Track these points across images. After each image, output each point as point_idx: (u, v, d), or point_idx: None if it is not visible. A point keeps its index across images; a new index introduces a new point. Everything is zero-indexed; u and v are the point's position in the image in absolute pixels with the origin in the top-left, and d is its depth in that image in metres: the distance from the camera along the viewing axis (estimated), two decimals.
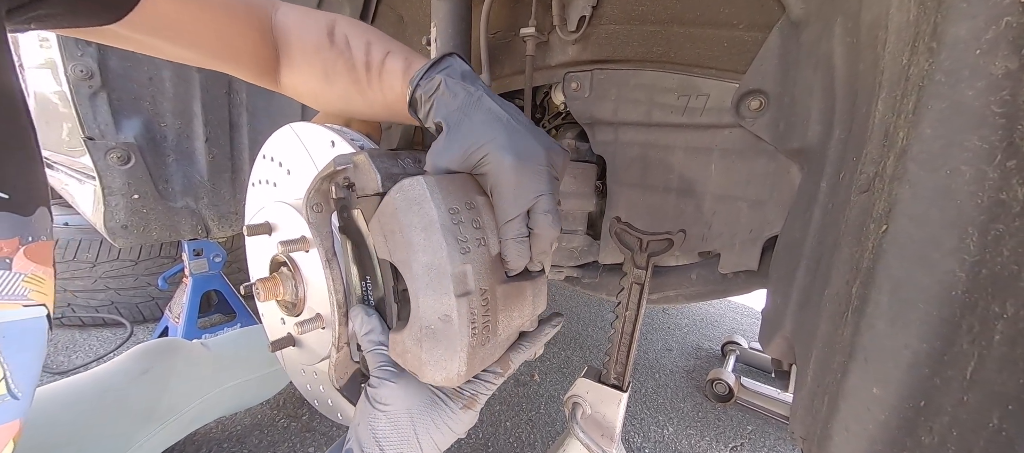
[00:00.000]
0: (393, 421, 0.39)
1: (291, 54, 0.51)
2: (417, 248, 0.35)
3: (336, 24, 0.51)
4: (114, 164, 0.85)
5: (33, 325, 0.37)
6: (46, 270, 0.38)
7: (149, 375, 0.86)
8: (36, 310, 0.37)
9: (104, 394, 0.80)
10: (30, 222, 0.35)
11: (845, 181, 0.38)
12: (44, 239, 0.37)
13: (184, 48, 0.47)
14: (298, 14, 0.52)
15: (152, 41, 0.44)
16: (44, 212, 0.37)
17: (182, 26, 0.44)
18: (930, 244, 0.24)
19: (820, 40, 0.47)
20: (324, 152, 0.49)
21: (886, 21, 0.32)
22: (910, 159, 0.24)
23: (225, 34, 0.47)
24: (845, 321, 0.30)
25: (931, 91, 0.23)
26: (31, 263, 0.36)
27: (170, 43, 0.45)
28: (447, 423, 0.40)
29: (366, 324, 0.42)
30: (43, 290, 0.37)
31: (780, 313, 0.51)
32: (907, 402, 0.25)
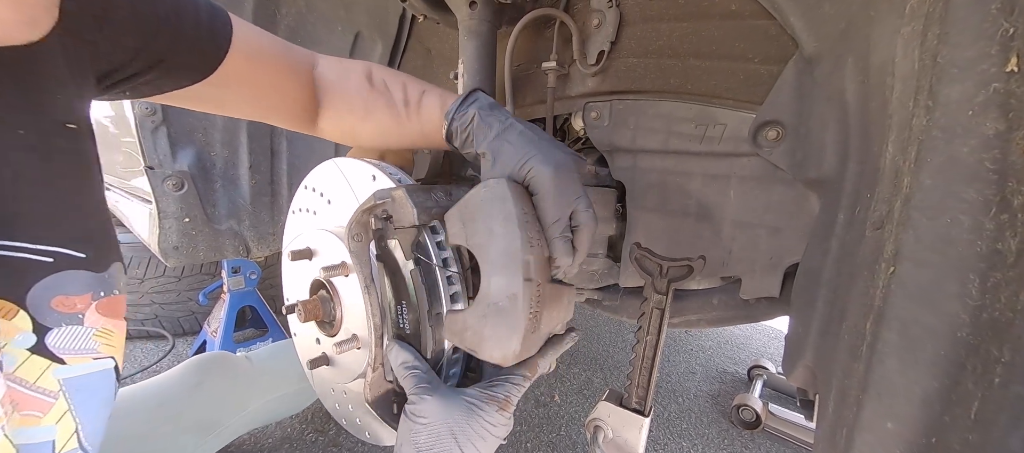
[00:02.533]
0: (434, 433, 0.41)
1: (333, 100, 0.58)
2: (497, 236, 0.40)
3: (372, 70, 0.59)
4: (170, 191, 0.93)
5: (102, 378, 0.38)
6: (116, 323, 0.39)
7: (202, 388, 0.92)
8: (105, 363, 0.38)
9: (160, 406, 0.85)
10: (103, 278, 0.37)
11: (860, 216, 0.39)
12: (116, 294, 0.38)
13: (247, 103, 0.53)
14: (339, 66, 0.59)
15: (223, 96, 0.50)
16: (118, 268, 0.39)
17: (250, 81, 0.50)
18: (934, 288, 0.25)
19: (833, 76, 0.49)
20: (365, 185, 0.54)
21: (892, 67, 0.34)
22: (913, 207, 0.26)
23: (281, 88, 0.53)
24: (860, 356, 0.31)
25: (929, 145, 0.25)
26: (102, 317, 0.37)
27: (238, 98, 0.51)
28: (486, 428, 0.41)
29: (400, 355, 0.46)
30: (112, 343, 0.39)
31: (802, 342, 0.52)
32: (921, 438, 0.25)
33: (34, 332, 0.33)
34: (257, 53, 0.49)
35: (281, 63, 0.52)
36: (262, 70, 0.50)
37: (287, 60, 0.53)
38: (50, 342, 0.34)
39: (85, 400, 0.36)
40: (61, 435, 0.35)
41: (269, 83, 0.52)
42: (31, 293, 0.32)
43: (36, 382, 0.33)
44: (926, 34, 0.26)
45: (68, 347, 0.35)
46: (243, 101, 0.52)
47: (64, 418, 0.35)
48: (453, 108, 0.51)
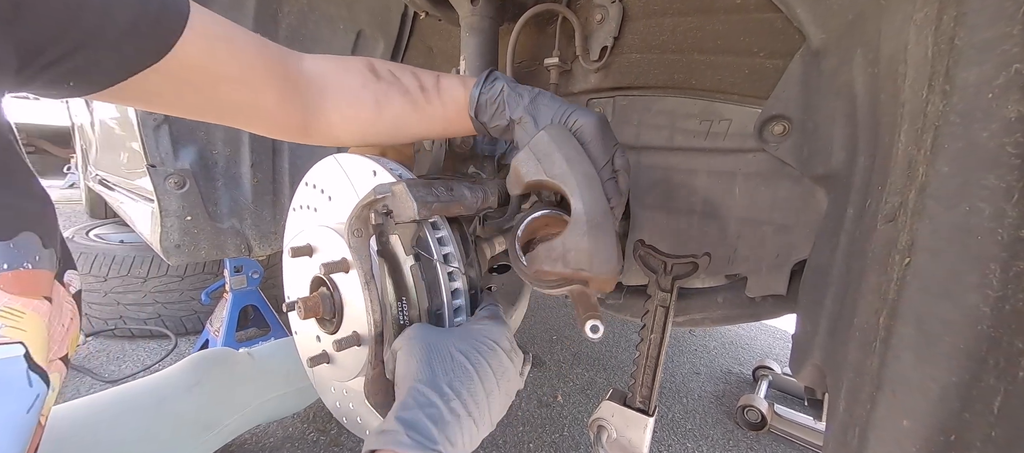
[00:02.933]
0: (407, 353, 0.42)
1: (332, 99, 0.52)
2: (576, 162, 0.44)
3: (373, 63, 0.55)
4: (172, 189, 0.92)
5: (7, 367, 0.32)
6: (30, 302, 0.33)
7: (202, 387, 0.91)
8: (11, 349, 0.32)
9: (161, 403, 0.84)
10: (8, 247, 0.32)
11: (871, 209, 0.38)
12: (27, 267, 0.33)
13: (209, 101, 0.45)
14: (332, 62, 0.54)
15: (179, 91, 0.43)
16: (30, 238, 0.33)
17: (211, 74, 0.43)
18: (952, 279, 0.24)
19: (841, 69, 0.48)
20: (366, 181, 0.53)
21: (904, 55, 0.33)
22: (929, 195, 0.25)
23: (251, 84, 0.46)
24: (873, 351, 0.30)
25: (947, 131, 0.24)
26: (6, 295, 0.32)
27: (197, 95, 0.44)
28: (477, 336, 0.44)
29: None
30: (21, 325, 0.33)
31: (810, 340, 0.51)
32: (938, 435, 0.25)
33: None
34: (220, 41, 0.42)
35: (251, 56, 0.45)
36: (226, 62, 0.43)
37: (260, 54, 0.46)
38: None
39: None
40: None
41: (235, 78, 0.44)
42: None
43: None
44: (941, 17, 0.25)
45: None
46: (204, 98, 0.45)
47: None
48: (480, 82, 0.53)
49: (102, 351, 1.60)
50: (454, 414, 0.38)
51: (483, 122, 0.53)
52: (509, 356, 0.45)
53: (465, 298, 0.52)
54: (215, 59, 0.42)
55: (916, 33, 0.30)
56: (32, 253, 0.33)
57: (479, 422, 0.40)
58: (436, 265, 0.49)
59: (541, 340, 1.93)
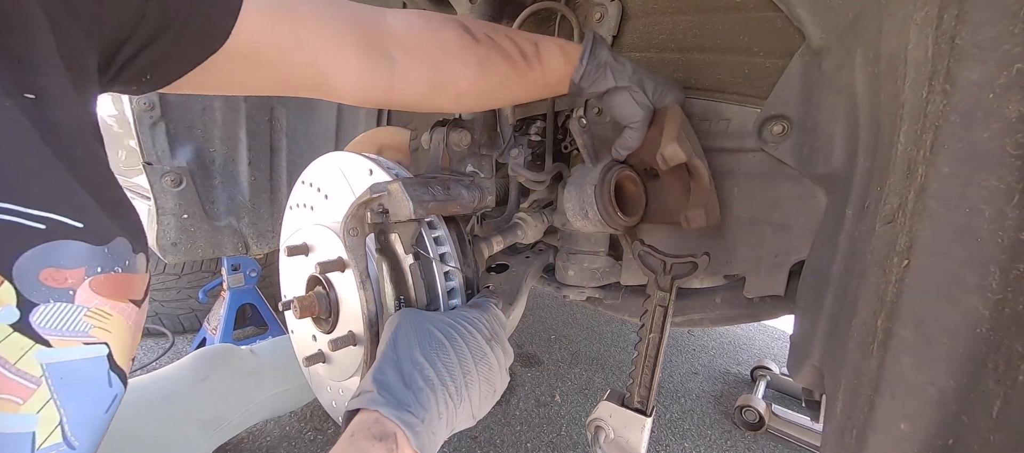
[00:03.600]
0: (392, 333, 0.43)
1: (423, 53, 0.50)
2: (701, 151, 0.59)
3: (466, 22, 0.54)
4: (168, 187, 0.92)
5: (92, 366, 0.34)
6: (116, 305, 0.34)
7: (208, 383, 0.91)
8: (97, 349, 0.34)
9: (170, 398, 0.84)
10: (103, 252, 0.33)
11: (870, 210, 0.38)
12: (117, 272, 0.34)
13: (281, 72, 0.44)
14: (421, 18, 0.51)
15: (249, 69, 0.42)
16: (123, 244, 0.34)
17: (278, 47, 0.41)
18: (952, 281, 0.24)
19: (841, 68, 0.47)
20: (362, 179, 0.53)
21: (905, 55, 0.33)
22: (929, 196, 0.24)
23: (322, 49, 0.43)
24: (871, 353, 0.30)
25: (947, 131, 0.24)
26: (97, 296, 0.33)
27: (268, 68, 0.42)
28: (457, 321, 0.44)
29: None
30: (107, 326, 0.34)
31: (808, 341, 0.50)
32: (936, 439, 0.24)
33: (18, 307, 0.29)
34: (282, 12, 0.41)
35: (321, 23, 0.43)
36: (293, 33, 0.41)
37: (332, 18, 0.44)
38: (35, 320, 0.30)
39: (72, 389, 0.33)
40: (42, 427, 0.31)
41: (307, 49, 0.42)
42: (19, 262, 0.28)
43: (16, 363, 0.30)
44: (942, 16, 0.25)
45: (55, 327, 0.31)
46: (278, 75, 0.43)
47: (46, 407, 0.32)
48: (586, 51, 0.57)
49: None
50: (428, 381, 0.39)
51: (582, 87, 0.58)
52: (489, 343, 0.44)
53: (461, 297, 0.52)
54: (280, 32, 0.41)
55: (917, 32, 0.30)
56: (123, 258, 0.35)
57: (455, 398, 0.40)
58: (433, 264, 0.49)
59: (540, 339, 1.93)
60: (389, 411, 0.35)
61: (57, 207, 0.30)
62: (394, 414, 0.35)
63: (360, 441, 0.34)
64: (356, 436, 0.34)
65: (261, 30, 0.40)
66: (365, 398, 0.36)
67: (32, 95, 0.29)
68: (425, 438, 0.36)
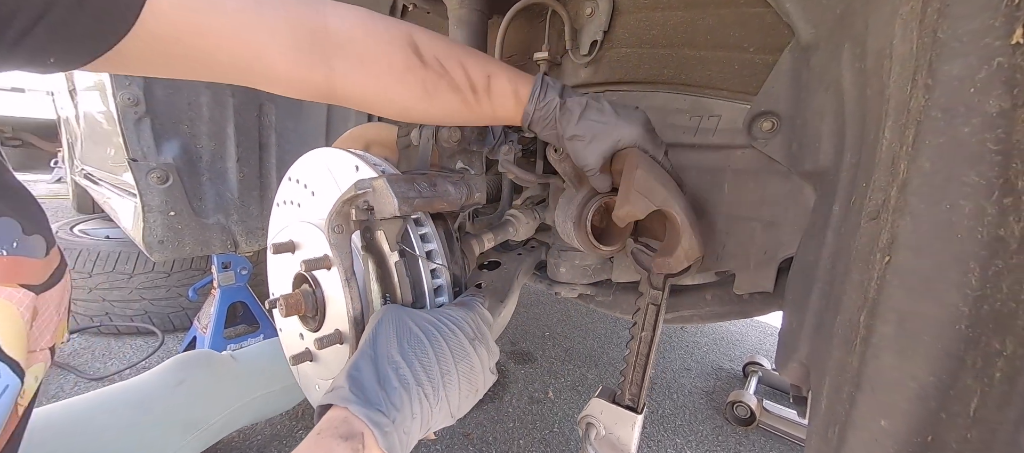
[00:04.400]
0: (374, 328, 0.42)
1: (365, 66, 0.47)
2: (671, 189, 0.54)
3: (416, 39, 0.49)
4: (154, 184, 0.91)
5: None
6: (3, 290, 0.32)
7: (184, 386, 0.90)
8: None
9: (142, 403, 0.84)
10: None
11: (855, 206, 0.38)
12: (2, 254, 0.32)
13: (205, 65, 0.41)
14: (367, 21, 0.47)
15: (161, 60, 0.39)
16: (8, 223, 0.32)
17: (196, 39, 0.38)
18: (932, 277, 0.24)
19: (829, 64, 0.47)
20: (348, 176, 0.52)
21: (890, 50, 0.32)
22: (911, 192, 0.24)
23: (249, 46, 0.40)
24: (854, 350, 0.30)
25: (929, 126, 0.23)
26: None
27: (184, 59, 0.39)
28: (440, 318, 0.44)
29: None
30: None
31: (795, 337, 0.50)
32: (915, 436, 0.24)
33: None
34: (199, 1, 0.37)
35: (245, 13, 0.39)
36: (213, 21, 0.38)
37: (257, 10, 0.40)
38: None
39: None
40: None
41: (229, 37, 0.39)
42: None
43: None
44: (925, 10, 0.25)
45: None
46: (198, 62, 0.40)
47: None
48: (533, 96, 0.55)
49: (87, 348, 1.57)
50: (402, 381, 0.38)
51: (534, 132, 0.58)
52: (472, 343, 0.44)
53: (448, 294, 0.52)
54: (196, 17, 0.37)
55: (902, 27, 0.30)
56: (9, 239, 0.32)
57: (431, 398, 0.39)
58: (419, 261, 0.48)
59: (533, 336, 1.93)
60: (359, 409, 0.34)
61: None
62: (363, 413, 0.34)
63: (326, 439, 0.33)
64: (322, 434, 0.34)
65: (174, 15, 0.36)
66: (336, 394, 0.36)
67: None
68: (395, 438, 0.35)
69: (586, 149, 0.54)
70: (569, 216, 0.63)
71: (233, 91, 0.98)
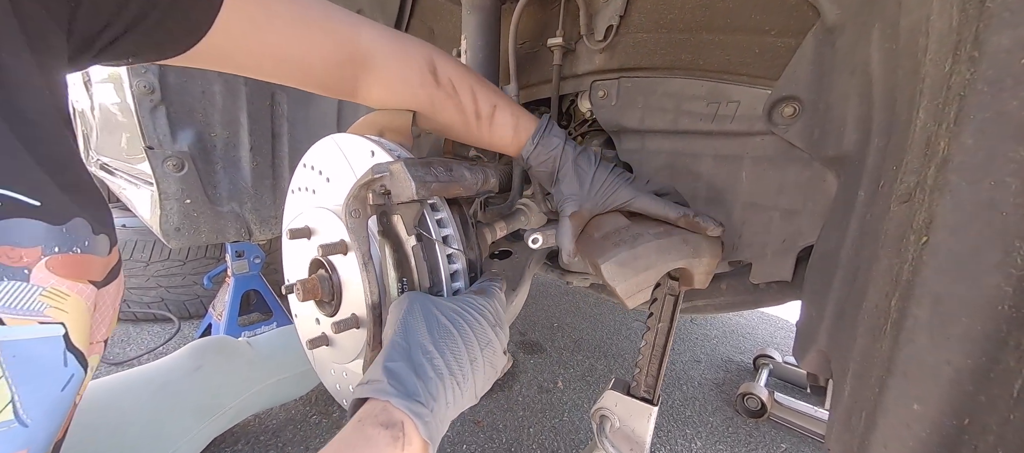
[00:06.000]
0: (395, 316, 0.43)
1: (384, 78, 0.55)
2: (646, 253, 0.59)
3: (436, 61, 0.57)
4: (170, 171, 0.92)
5: (46, 346, 0.33)
6: (74, 285, 0.34)
7: (201, 372, 0.92)
8: (52, 329, 0.33)
9: (163, 387, 0.86)
10: (60, 232, 0.33)
11: (884, 191, 0.37)
12: (76, 252, 0.34)
13: (257, 69, 0.49)
14: (393, 43, 0.55)
15: (223, 62, 0.46)
16: (81, 224, 0.34)
17: (253, 49, 0.45)
18: (973, 257, 0.23)
19: (856, 46, 0.46)
20: (363, 161, 0.52)
21: (926, 26, 0.31)
22: (952, 170, 0.23)
23: (296, 57, 0.48)
24: (883, 335, 0.29)
25: (973, 100, 0.22)
26: (53, 276, 0.33)
27: (246, 64, 0.47)
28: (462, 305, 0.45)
29: None
30: (64, 307, 0.34)
31: (815, 326, 0.50)
32: (950, 419, 0.24)
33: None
34: (261, 12, 0.44)
35: (299, 28, 0.47)
36: (269, 33, 0.45)
37: (308, 21, 0.47)
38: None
39: (24, 368, 0.32)
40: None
41: (281, 50, 0.47)
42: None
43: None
44: None
45: (9, 305, 0.31)
46: (251, 68, 0.48)
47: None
48: (537, 136, 0.61)
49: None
50: (437, 371, 0.38)
51: (529, 166, 0.64)
52: (494, 329, 0.44)
53: (464, 280, 0.52)
54: (255, 36, 0.44)
55: (940, 1, 0.29)
56: (82, 238, 0.35)
57: (462, 386, 0.40)
58: (436, 246, 0.48)
59: (542, 327, 1.93)
60: (399, 401, 0.35)
61: (12, 185, 0.30)
62: (404, 404, 0.35)
63: (367, 428, 0.33)
64: (363, 422, 0.34)
65: (237, 32, 0.43)
66: (374, 387, 0.36)
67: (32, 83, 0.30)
68: (433, 427, 0.36)
69: (565, 226, 0.61)
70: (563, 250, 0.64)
71: (246, 80, 0.99)
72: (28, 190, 0.30)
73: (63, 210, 0.33)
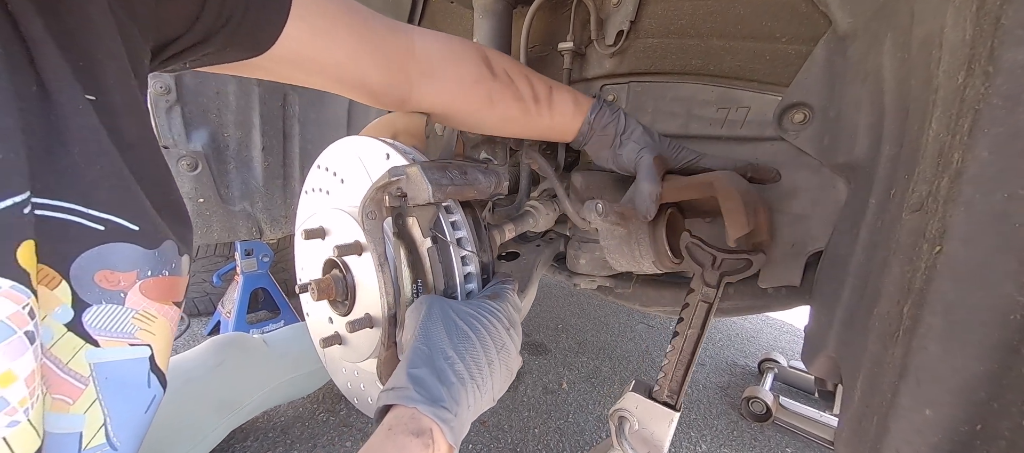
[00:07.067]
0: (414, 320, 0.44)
1: (442, 81, 0.55)
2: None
3: (488, 56, 0.58)
4: (184, 171, 0.93)
5: (134, 367, 0.34)
6: (161, 308, 0.35)
7: (222, 368, 0.94)
8: (140, 351, 0.34)
9: (187, 382, 0.87)
10: (153, 256, 0.33)
11: (896, 199, 0.37)
12: (164, 275, 0.35)
13: (312, 77, 0.49)
14: (446, 45, 0.55)
15: (283, 70, 0.46)
16: (170, 247, 0.35)
17: (314, 57, 0.46)
18: (985, 267, 0.23)
19: (868, 54, 0.46)
20: (378, 164, 0.53)
21: (940, 38, 0.32)
22: (965, 181, 0.24)
23: (354, 68, 0.49)
24: (895, 341, 0.29)
25: (988, 115, 0.23)
26: (144, 299, 0.34)
27: (300, 72, 0.47)
28: (476, 310, 0.45)
29: None
30: (151, 329, 0.35)
31: (824, 331, 0.50)
32: (963, 425, 0.24)
33: (73, 306, 0.30)
34: (322, 31, 0.44)
35: (355, 41, 0.47)
36: (329, 49, 0.46)
37: (363, 40, 0.48)
38: (87, 320, 0.30)
39: (115, 390, 0.33)
40: (89, 427, 0.32)
41: (340, 63, 0.47)
42: (77, 263, 0.29)
43: (68, 363, 0.30)
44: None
45: (104, 328, 0.32)
46: (312, 78, 0.48)
47: (93, 408, 0.32)
48: (595, 108, 0.63)
49: None
50: (459, 376, 0.39)
51: (584, 144, 0.65)
52: (508, 333, 0.45)
53: (477, 282, 0.52)
54: (317, 48, 0.45)
55: (954, 15, 0.29)
56: (170, 261, 0.35)
57: (481, 389, 0.41)
58: (451, 248, 0.49)
59: (547, 329, 1.94)
60: (426, 408, 0.35)
61: (118, 210, 0.31)
62: (431, 411, 0.35)
63: (398, 436, 0.34)
64: (394, 430, 0.35)
65: (300, 45, 0.43)
66: (400, 394, 0.37)
67: (99, 95, 0.30)
68: (458, 431, 0.37)
69: (644, 143, 0.62)
70: (643, 254, 0.65)
71: (259, 81, 1.00)
72: (130, 215, 0.31)
73: (157, 233, 0.34)
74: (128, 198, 0.31)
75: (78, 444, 0.31)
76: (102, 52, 0.29)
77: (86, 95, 0.29)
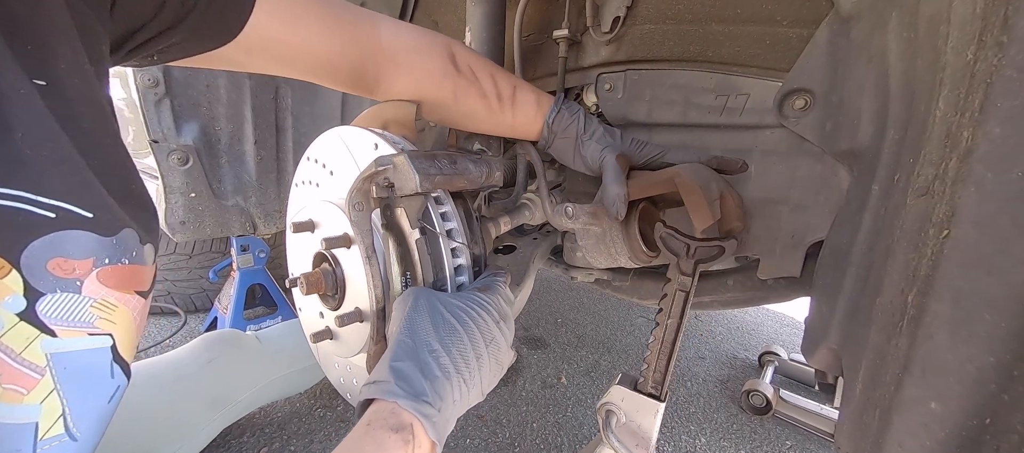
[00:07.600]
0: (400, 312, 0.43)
1: (408, 72, 0.56)
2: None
3: (454, 50, 0.58)
4: (175, 165, 0.92)
5: (95, 357, 0.34)
6: (122, 296, 0.34)
7: (215, 364, 0.93)
8: (100, 340, 0.34)
9: (177, 380, 0.87)
10: (110, 243, 0.33)
11: (900, 184, 0.36)
12: (124, 263, 0.34)
13: (281, 66, 0.49)
14: (412, 37, 0.56)
15: (252, 61, 0.46)
16: (130, 235, 0.34)
17: (283, 45, 0.46)
18: (998, 251, 0.22)
19: (873, 36, 0.45)
20: (367, 154, 0.52)
21: (948, 14, 0.30)
22: (976, 160, 0.23)
23: (322, 55, 0.50)
24: (899, 332, 0.28)
25: (1001, 87, 0.21)
26: (103, 287, 0.33)
27: (270, 61, 0.48)
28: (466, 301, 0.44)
29: None
30: (112, 318, 0.34)
31: (825, 323, 0.49)
32: (971, 419, 0.23)
33: (25, 296, 0.29)
34: (289, 20, 0.45)
35: (325, 27, 0.48)
36: (298, 38, 0.46)
37: (334, 23, 0.49)
38: (41, 309, 0.30)
39: (75, 380, 0.32)
40: (45, 417, 0.31)
41: (309, 51, 0.48)
42: (27, 251, 0.28)
43: (22, 353, 0.29)
44: None
45: (61, 317, 0.31)
46: (280, 67, 0.49)
47: (49, 398, 0.31)
48: (557, 107, 0.63)
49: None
50: (443, 370, 0.38)
51: (546, 145, 0.66)
52: (498, 326, 0.44)
53: (468, 274, 0.51)
54: (283, 37, 0.45)
55: None
56: (131, 249, 0.35)
57: (469, 383, 0.40)
58: (440, 239, 0.48)
59: (545, 323, 1.93)
60: (407, 403, 0.34)
61: (70, 197, 0.30)
62: (412, 406, 0.34)
63: (377, 432, 0.33)
64: (372, 426, 0.34)
65: (268, 32, 0.44)
66: (381, 388, 0.36)
67: (50, 81, 0.29)
68: (441, 426, 0.36)
69: (605, 144, 0.63)
70: (619, 251, 0.66)
71: (249, 74, 0.98)
72: (83, 202, 0.31)
73: (114, 221, 0.33)
74: (80, 184, 0.30)
75: (34, 435, 0.31)
76: (54, 38, 0.29)
77: (34, 80, 0.28)
